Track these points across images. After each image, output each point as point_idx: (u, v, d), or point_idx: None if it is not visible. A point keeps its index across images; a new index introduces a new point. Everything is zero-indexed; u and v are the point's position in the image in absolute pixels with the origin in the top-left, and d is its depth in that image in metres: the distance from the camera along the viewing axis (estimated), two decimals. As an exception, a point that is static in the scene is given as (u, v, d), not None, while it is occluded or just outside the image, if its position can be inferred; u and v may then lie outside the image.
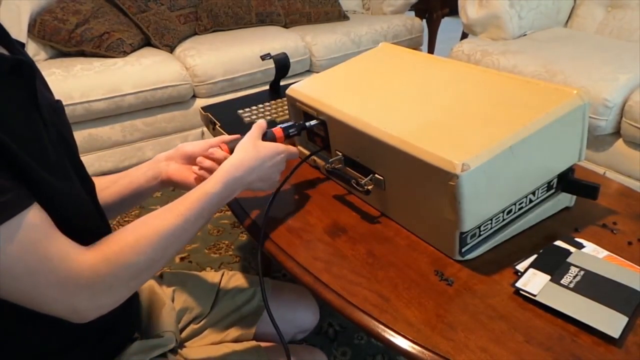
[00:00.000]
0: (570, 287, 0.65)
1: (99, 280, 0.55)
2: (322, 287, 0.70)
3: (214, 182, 0.68)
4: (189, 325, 0.86)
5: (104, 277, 0.55)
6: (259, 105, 1.21)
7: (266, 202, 0.86)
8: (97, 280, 0.54)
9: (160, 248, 0.60)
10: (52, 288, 0.52)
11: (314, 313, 0.97)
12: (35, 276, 0.50)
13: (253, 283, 0.92)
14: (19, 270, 0.49)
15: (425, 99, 0.81)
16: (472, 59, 2.10)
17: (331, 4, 2.66)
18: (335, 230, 0.82)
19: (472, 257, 0.74)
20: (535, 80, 0.79)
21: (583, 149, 0.77)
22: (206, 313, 0.86)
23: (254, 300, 0.89)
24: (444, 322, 0.63)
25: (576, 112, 0.72)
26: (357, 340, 1.35)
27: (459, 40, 2.80)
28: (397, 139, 0.72)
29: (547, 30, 2.24)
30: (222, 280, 0.91)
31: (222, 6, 2.43)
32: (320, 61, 2.40)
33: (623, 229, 0.79)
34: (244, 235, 1.80)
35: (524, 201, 0.76)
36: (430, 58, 0.97)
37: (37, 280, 0.51)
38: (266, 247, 0.80)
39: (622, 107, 1.66)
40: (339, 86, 0.93)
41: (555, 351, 0.58)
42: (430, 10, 3.04)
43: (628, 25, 2.08)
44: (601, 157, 1.79)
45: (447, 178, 0.64)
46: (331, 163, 0.88)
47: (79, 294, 0.54)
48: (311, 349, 0.90)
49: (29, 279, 0.50)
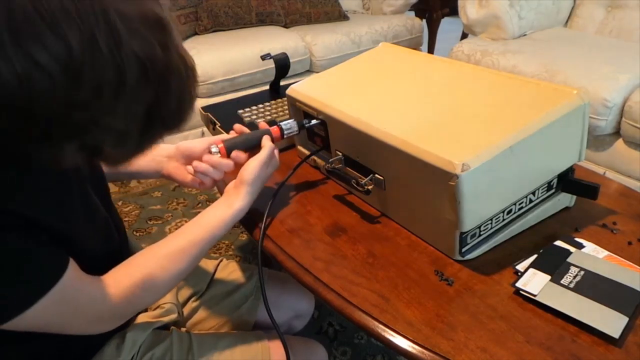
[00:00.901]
0: (570, 287, 0.65)
1: (121, 316, 0.65)
2: (322, 287, 0.70)
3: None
4: (188, 302, 0.89)
5: (126, 313, 0.65)
6: (259, 105, 1.21)
7: (266, 203, 0.86)
8: (119, 316, 0.65)
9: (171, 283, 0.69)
10: (80, 326, 0.60)
11: (310, 298, 1.00)
12: (65, 319, 0.57)
13: (250, 268, 0.97)
14: (53, 319, 0.55)
15: (425, 99, 0.81)
16: (472, 59, 2.10)
17: (331, 4, 2.66)
18: (335, 230, 0.82)
19: (472, 257, 0.74)
20: (535, 80, 0.79)
21: (583, 149, 0.77)
22: (203, 290, 0.90)
23: (251, 282, 0.93)
24: (444, 322, 0.63)
25: (576, 112, 0.72)
26: (357, 340, 1.35)
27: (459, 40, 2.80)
28: (397, 139, 0.72)
29: (547, 30, 2.24)
30: (220, 264, 0.96)
31: (222, 6, 2.43)
32: (320, 61, 2.40)
33: (623, 229, 0.79)
34: (244, 235, 1.80)
35: (524, 201, 0.76)
36: (430, 58, 0.97)
37: (67, 322, 0.58)
38: (266, 247, 0.80)
39: (622, 107, 1.66)
40: (339, 86, 0.93)
41: (555, 351, 0.58)
42: (430, 10, 3.04)
43: (628, 25, 2.08)
44: (601, 157, 1.79)
45: (447, 178, 0.64)
46: (331, 163, 0.88)
47: (102, 326, 0.63)
48: (311, 342, 0.91)
49: (60, 322, 0.57)
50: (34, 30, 0.39)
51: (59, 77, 0.40)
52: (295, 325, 0.98)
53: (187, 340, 0.77)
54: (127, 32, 0.43)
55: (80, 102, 0.42)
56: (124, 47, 0.42)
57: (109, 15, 0.42)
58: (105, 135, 0.46)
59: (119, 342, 0.71)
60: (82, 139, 0.45)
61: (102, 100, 0.43)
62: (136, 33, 0.43)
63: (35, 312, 0.51)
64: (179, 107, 0.50)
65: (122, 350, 0.71)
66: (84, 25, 0.40)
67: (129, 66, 0.43)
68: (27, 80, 0.39)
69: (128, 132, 0.47)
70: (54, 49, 0.39)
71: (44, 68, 0.39)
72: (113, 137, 0.46)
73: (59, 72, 0.40)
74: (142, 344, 0.73)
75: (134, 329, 0.73)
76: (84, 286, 0.57)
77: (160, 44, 0.45)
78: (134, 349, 0.72)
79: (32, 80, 0.39)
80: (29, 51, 0.39)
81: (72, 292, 0.55)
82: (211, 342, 0.78)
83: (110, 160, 0.51)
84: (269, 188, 0.87)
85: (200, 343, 0.77)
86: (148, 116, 0.47)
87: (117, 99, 0.44)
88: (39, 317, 0.52)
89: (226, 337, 0.80)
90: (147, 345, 0.74)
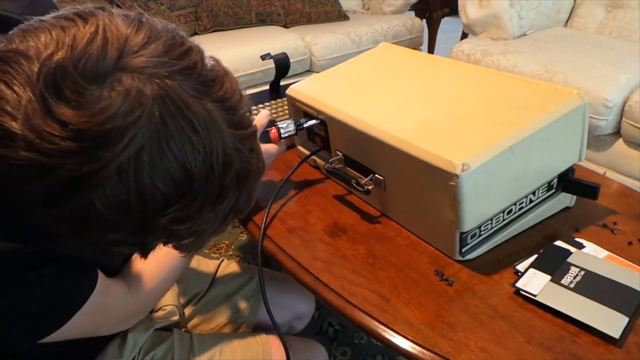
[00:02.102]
0: (570, 287, 0.65)
1: (145, 310, 0.69)
2: (322, 287, 0.70)
3: None
4: (189, 304, 0.89)
5: (149, 306, 0.69)
6: (259, 105, 1.21)
7: (266, 203, 0.86)
8: (144, 310, 0.69)
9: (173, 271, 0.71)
10: (109, 328, 0.64)
11: (310, 298, 1.00)
12: (98, 325, 0.61)
13: (250, 269, 0.97)
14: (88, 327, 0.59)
15: (425, 99, 0.81)
16: (472, 59, 2.10)
17: (331, 4, 2.66)
18: (335, 230, 0.82)
19: (472, 257, 0.73)
20: (535, 80, 0.78)
21: (583, 149, 0.77)
22: (204, 291, 0.90)
23: (252, 283, 0.93)
24: (444, 322, 0.63)
25: (576, 112, 0.72)
26: (357, 340, 1.35)
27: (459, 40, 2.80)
28: (397, 139, 0.72)
29: (547, 30, 2.24)
30: (221, 265, 0.96)
31: (222, 6, 2.42)
32: (320, 61, 2.40)
33: (623, 229, 0.78)
34: (244, 235, 1.80)
35: (524, 201, 0.76)
36: (430, 58, 0.97)
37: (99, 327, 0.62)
38: (266, 247, 0.80)
39: (622, 107, 1.66)
40: (339, 86, 0.93)
41: (555, 351, 0.58)
42: (430, 10, 3.04)
43: (628, 25, 2.08)
44: (601, 157, 1.79)
45: (447, 178, 0.64)
46: (331, 163, 0.88)
47: (130, 322, 0.68)
48: (312, 342, 0.91)
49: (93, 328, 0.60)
50: (162, 160, 0.39)
51: (172, 196, 0.41)
52: (295, 326, 0.98)
53: (189, 341, 0.77)
54: (233, 153, 0.43)
55: (183, 218, 0.43)
56: (231, 169, 0.43)
57: (226, 142, 0.42)
58: (190, 236, 0.47)
59: (121, 342, 0.72)
60: (169, 241, 0.47)
61: (202, 214, 0.44)
62: (238, 151, 0.44)
63: (71, 325, 0.54)
64: (251, 199, 0.51)
65: (123, 350, 0.71)
66: (207, 157, 0.41)
67: (231, 185, 0.44)
68: (145, 199, 0.39)
69: (207, 231, 0.48)
70: (176, 176, 0.40)
71: (163, 192, 0.40)
72: (195, 237, 0.48)
73: (174, 195, 0.41)
74: (144, 345, 0.73)
75: (135, 329, 0.73)
76: (111, 292, 0.60)
77: (248, 153, 0.46)
78: (135, 350, 0.72)
79: (150, 199, 0.40)
80: (155, 183, 0.39)
81: (103, 300, 0.57)
82: (212, 342, 0.78)
83: (180, 249, 0.52)
84: (269, 188, 0.87)
85: (201, 343, 0.77)
86: (228, 215, 0.48)
87: (214, 210, 0.45)
88: (75, 328, 0.55)
89: (227, 337, 0.80)
90: (148, 346, 0.74)
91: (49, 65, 0.36)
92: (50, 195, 0.37)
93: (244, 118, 0.46)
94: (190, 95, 0.40)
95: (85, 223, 0.39)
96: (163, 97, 0.38)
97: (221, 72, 0.45)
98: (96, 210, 0.38)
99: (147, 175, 0.38)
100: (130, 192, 0.38)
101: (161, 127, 0.38)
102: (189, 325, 0.88)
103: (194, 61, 0.42)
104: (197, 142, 0.40)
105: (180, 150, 0.39)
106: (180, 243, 0.49)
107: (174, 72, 0.40)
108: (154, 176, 0.39)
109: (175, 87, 0.39)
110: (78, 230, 0.40)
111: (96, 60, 0.37)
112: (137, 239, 0.43)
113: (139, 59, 0.38)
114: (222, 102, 0.43)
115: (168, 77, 0.39)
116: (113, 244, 0.43)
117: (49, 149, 0.35)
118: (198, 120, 0.40)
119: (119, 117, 0.36)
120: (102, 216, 0.39)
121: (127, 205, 0.39)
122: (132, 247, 0.46)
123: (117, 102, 0.36)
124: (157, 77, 0.39)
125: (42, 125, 0.35)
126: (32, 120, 0.35)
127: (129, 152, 0.37)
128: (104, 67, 0.37)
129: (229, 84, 0.45)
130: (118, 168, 0.37)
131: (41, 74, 0.35)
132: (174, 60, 0.40)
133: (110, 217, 0.39)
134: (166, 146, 0.39)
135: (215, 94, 0.42)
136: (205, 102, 0.41)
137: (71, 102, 0.35)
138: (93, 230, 0.40)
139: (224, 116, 0.43)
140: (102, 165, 0.36)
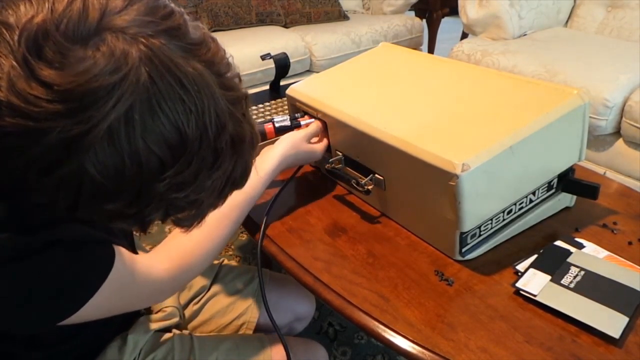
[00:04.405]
0: (570, 287, 0.65)
1: (178, 283, 0.67)
2: (322, 287, 0.70)
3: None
4: (189, 305, 0.89)
5: (181, 280, 0.67)
6: (259, 105, 1.21)
7: (266, 203, 0.86)
8: (177, 284, 0.67)
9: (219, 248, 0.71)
10: (142, 302, 0.63)
11: (310, 300, 0.99)
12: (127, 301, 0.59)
13: (251, 270, 0.96)
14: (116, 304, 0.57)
15: (425, 99, 0.81)
16: (472, 59, 2.10)
17: (331, 4, 2.66)
18: (335, 230, 0.82)
19: (472, 257, 0.73)
20: (536, 80, 0.79)
21: (583, 149, 0.77)
22: (204, 293, 0.90)
23: (252, 284, 0.93)
24: (444, 322, 0.63)
25: (576, 112, 0.72)
26: (357, 340, 1.35)
27: (459, 40, 2.80)
28: (397, 139, 0.72)
29: (547, 30, 2.24)
30: (221, 266, 0.96)
31: (222, 6, 2.42)
32: (320, 61, 2.40)
33: (623, 229, 0.78)
34: (244, 235, 1.80)
35: (524, 201, 0.76)
36: (430, 58, 0.97)
37: (129, 302, 0.60)
38: (266, 247, 0.80)
39: (622, 107, 1.66)
40: (339, 86, 0.93)
41: (555, 351, 0.58)
42: (430, 10, 3.04)
43: (628, 25, 2.08)
44: (601, 157, 1.79)
45: (447, 178, 0.64)
46: (331, 163, 0.88)
47: (163, 297, 0.67)
48: (312, 343, 0.91)
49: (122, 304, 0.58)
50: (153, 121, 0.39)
51: (166, 160, 0.40)
52: (295, 327, 0.98)
53: (189, 343, 0.77)
54: (228, 117, 0.43)
55: (180, 184, 0.42)
56: (225, 131, 0.43)
57: (218, 102, 0.42)
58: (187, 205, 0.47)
59: (121, 344, 0.71)
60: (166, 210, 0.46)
61: (196, 178, 0.43)
62: (231, 114, 0.44)
63: (96, 303, 0.51)
64: (248, 170, 0.51)
65: (123, 352, 0.70)
66: (200, 117, 0.41)
67: (226, 150, 0.44)
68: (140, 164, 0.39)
69: (205, 202, 0.48)
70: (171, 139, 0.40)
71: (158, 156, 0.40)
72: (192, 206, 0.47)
73: (167, 157, 0.40)
74: (144, 347, 0.73)
75: (135, 331, 0.73)
76: (137, 267, 0.58)
77: (243, 118, 0.46)
78: (135, 352, 0.72)
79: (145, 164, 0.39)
80: (149, 145, 0.39)
81: (127, 276, 0.55)
82: (213, 344, 0.78)
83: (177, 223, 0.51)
84: (269, 188, 0.87)
85: (201, 345, 0.77)
86: (224, 185, 0.48)
87: (209, 177, 0.44)
88: (102, 306, 0.53)
89: (227, 339, 0.80)
90: (148, 348, 0.73)
91: (29, 28, 0.35)
92: (43, 162, 0.37)
93: (234, 82, 0.45)
94: (177, 55, 0.40)
95: (80, 191, 0.39)
96: (150, 56, 0.38)
97: (207, 36, 0.44)
98: (90, 177, 0.38)
99: (139, 137, 0.38)
100: (123, 156, 0.38)
101: (150, 85, 0.38)
102: (190, 327, 0.88)
103: (178, 23, 0.41)
104: (188, 101, 0.40)
105: (172, 110, 0.39)
106: (180, 217, 0.48)
107: (159, 32, 0.39)
108: (146, 137, 0.38)
109: (162, 46, 0.39)
110: (73, 200, 0.39)
111: (77, 20, 0.36)
112: (134, 210, 0.43)
113: (123, 18, 0.38)
114: (211, 64, 0.42)
115: (153, 36, 0.39)
116: (110, 216, 0.43)
117: (36, 112, 0.35)
118: (188, 79, 0.40)
119: (104, 76, 0.36)
120: (97, 183, 0.38)
121: (122, 171, 0.39)
122: (130, 220, 0.45)
123: (102, 61, 0.36)
124: (142, 36, 0.38)
125: (27, 89, 0.35)
126: (16, 85, 0.35)
127: (118, 112, 0.36)
128: (86, 28, 0.36)
129: (217, 48, 0.44)
130: (108, 129, 0.36)
131: (22, 39, 0.35)
132: (158, 20, 0.40)
133: (105, 183, 0.39)
134: (157, 106, 0.38)
135: (204, 56, 0.42)
136: (194, 62, 0.41)
137: (54, 64, 0.35)
138: (88, 200, 0.40)
139: (214, 78, 0.42)
140: (92, 126, 0.36)
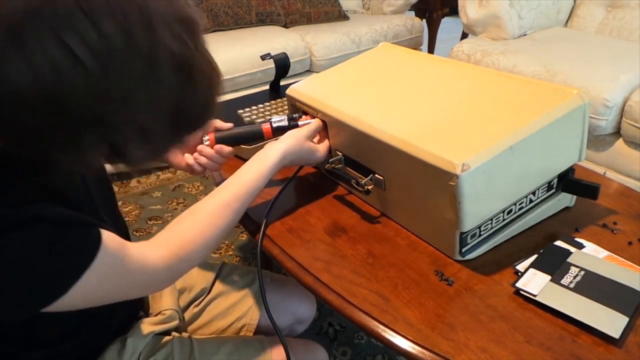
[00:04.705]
0: (570, 287, 0.65)
1: (175, 272, 0.64)
2: (322, 287, 0.70)
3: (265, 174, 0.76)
4: (189, 307, 0.89)
5: (179, 269, 0.65)
6: (259, 105, 1.21)
7: (267, 203, 0.85)
8: (174, 272, 0.64)
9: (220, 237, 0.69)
10: (137, 290, 0.61)
11: (311, 302, 0.99)
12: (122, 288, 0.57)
13: (251, 272, 0.96)
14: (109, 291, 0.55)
15: (425, 99, 0.81)
16: (472, 59, 2.10)
17: (331, 4, 2.66)
18: (335, 230, 0.82)
19: (472, 257, 0.73)
20: (536, 80, 0.78)
21: (583, 149, 0.77)
22: (204, 295, 0.90)
23: (253, 286, 0.92)
24: (444, 322, 0.63)
25: (576, 112, 0.72)
26: (357, 340, 1.35)
27: (459, 40, 2.80)
28: (397, 139, 0.72)
29: (547, 30, 2.24)
30: (221, 268, 0.96)
31: (222, 6, 2.42)
32: (320, 61, 2.40)
33: (623, 229, 0.79)
34: (244, 235, 1.80)
35: (524, 201, 0.76)
36: (430, 58, 0.97)
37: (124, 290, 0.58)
38: (266, 247, 0.80)
39: (622, 107, 1.66)
40: (339, 86, 0.93)
41: (555, 351, 0.58)
42: (430, 10, 3.04)
43: (628, 25, 2.08)
44: (601, 157, 1.79)
45: (447, 178, 0.64)
46: (331, 163, 0.88)
47: (159, 285, 0.66)
48: (312, 344, 0.91)
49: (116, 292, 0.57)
50: (70, 20, 0.39)
51: (92, 67, 0.40)
52: (296, 329, 0.98)
53: (189, 346, 0.76)
54: (161, 27, 0.43)
55: (111, 94, 0.42)
56: (157, 40, 0.43)
57: (145, 9, 0.42)
58: (133, 133, 0.46)
59: (120, 347, 0.71)
60: (109, 138, 0.45)
61: (132, 93, 0.43)
62: (170, 29, 0.44)
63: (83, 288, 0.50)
64: (203, 106, 0.51)
65: (122, 356, 0.70)
66: (121, 17, 0.41)
67: (161, 59, 0.44)
68: (60, 69, 0.39)
69: (153, 130, 0.47)
70: (89, 38, 0.40)
71: (78, 58, 0.39)
72: (139, 135, 0.47)
73: (92, 62, 0.40)
74: (143, 350, 0.72)
75: (135, 334, 0.73)
76: (129, 253, 0.57)
77: (191, 42, 0.46)
78: (134, 355, 0.71)
79: (65, 69, 0.39)
80: (65, 42, 0.39)
81: (117, 261, 0.54)
82: (212, 347, 0.77)
83: (132, 161, 0.50)
84: (270, 189, 0.87)
85: (201, 348, 0.76)
86: (174, 114, 0.48)
87: (148, 93, 0.44)
88: (91, 293, 0.52)
89: (228, 342, 0.80)
90: (147, 351, 0.73)
91: None
92: None
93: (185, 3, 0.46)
94: None
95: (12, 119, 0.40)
96: None
97: None
98: (9, 92, 0.39)
99: (50, 37, 0.38)
100: (42, 61, 0.38)
101: None
102: (189, 330, 0.87)
103: None
104: (111, 3, 0.40)
105: (92, 9, 0.39)
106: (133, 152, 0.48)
107: None
108: (62, 35, 0.38)
109: None
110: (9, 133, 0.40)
111: None
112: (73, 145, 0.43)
113: None
114: None
115: None
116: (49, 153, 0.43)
117: None
118: None
119: None
120: (28, 102, 0.39)
121: (50, 91, 0.39)
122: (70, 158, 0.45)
123: None
124: None
125: None
126: None
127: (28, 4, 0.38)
128: None
129: None
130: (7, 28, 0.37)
131: None
132: None
133: (33, 103, 0.39)
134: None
135: None
136: None
137: None
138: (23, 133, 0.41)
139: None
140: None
